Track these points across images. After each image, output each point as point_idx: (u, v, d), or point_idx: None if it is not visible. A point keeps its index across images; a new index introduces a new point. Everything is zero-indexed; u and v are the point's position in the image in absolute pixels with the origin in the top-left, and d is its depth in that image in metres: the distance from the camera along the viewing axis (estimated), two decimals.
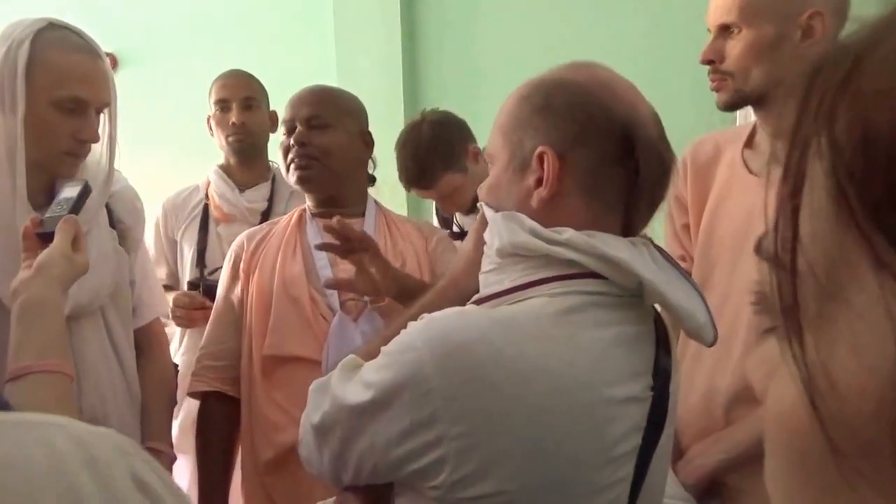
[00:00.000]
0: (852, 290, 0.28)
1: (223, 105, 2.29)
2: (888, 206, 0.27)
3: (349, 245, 1.49)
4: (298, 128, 1.65)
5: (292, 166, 1.65)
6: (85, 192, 1.30)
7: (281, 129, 1.71)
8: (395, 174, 3.24)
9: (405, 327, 0.90)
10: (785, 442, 0.31)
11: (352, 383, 0.91)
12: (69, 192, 1.29)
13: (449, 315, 0.88)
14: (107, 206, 1.52)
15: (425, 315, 0.89)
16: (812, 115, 0.30)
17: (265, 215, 2.22)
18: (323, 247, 1.54)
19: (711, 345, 0.94)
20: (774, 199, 0.31)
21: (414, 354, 0.85)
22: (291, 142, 1.64)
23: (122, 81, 3.70)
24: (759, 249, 0.32)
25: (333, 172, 1.66)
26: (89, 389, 1.42)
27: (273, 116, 2.36)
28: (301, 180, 1.65)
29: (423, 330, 0.87)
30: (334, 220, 1.48)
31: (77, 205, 1.26)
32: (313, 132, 1.64)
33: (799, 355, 0.29)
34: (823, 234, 0.29)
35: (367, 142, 1.74)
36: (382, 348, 0.90)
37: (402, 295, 1.50)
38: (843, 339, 0.28)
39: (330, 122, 1.66)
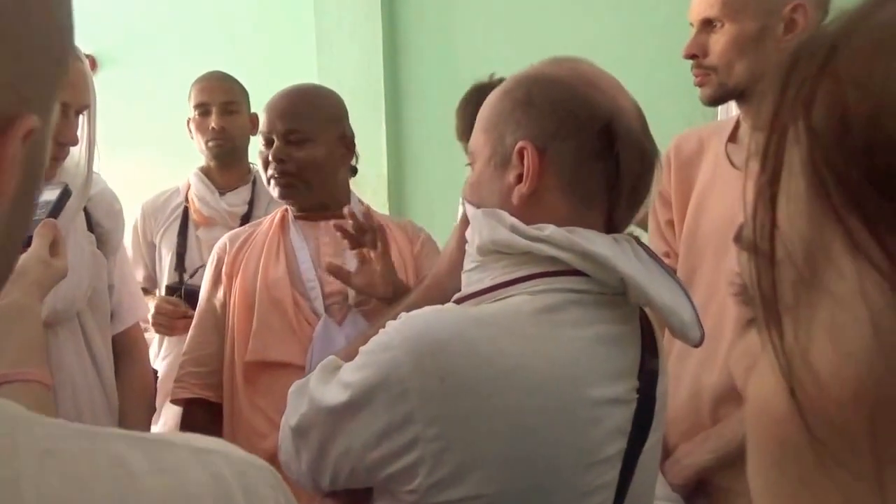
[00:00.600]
0: (830, 276, 0.28)
1: (203, 109, 2.26)
2: (866, 192, 0.26)
3: (363, 236, 1.47)
4: (276, 143, 1.61)
5: (273, 181, 1.63)
6: (64, 195, 1.26)
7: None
8: (378, 173, 3.24)
9: (385, 327, 0.88)
10: (764, 432, 0.31)
11: (330, 385, 0.90)
12: (48, 195, 1.26)
13: (426, 313, 0.86)
14: (85, 209, 1.50)
15: (403, 314, 0.88)
16: (790, 101, 0.30)
17: (245, 219, 2.19)
18: (339, 228, 1.51)
19: (697, 345, 0.92)
20: (752, 189, 0.31)
21: (390, 354, 0.84)
22: (270, 157, 1.61)
23: (102, 83, 3.67)
24: (738, 239, 0.32)
25: (315, 185, 1.63)
26: (65, 397, 1.39)
27: (254, 119, 2.33)
28: (283, 195, 1.63)
29: (400, 329, 0.85)
30: (364, 207, 1.46)
31: (56, 208, 1.23)
32: (291, 147, 1.61)
33: (777, 344, 0.29)
34: (801, 220, 0.29)
35: (348, 145, 1.71)
36: (360, 348, 0.88)
37: (395, 300, 1.48)
38: (822, 326, 0.28)
39: (308, 135, 1.61)
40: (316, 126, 1.63)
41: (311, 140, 1.62)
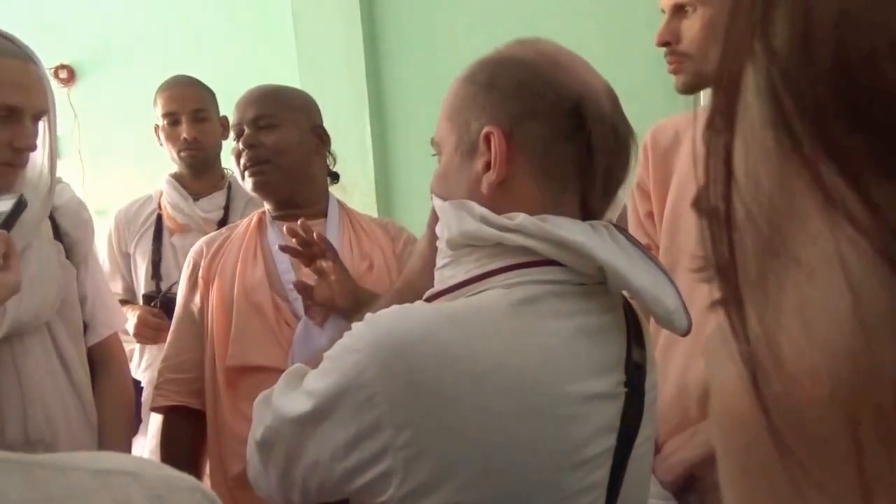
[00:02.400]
0: (800, 242, 0.21)
1: (172, 118, 2.20)
2: (837, 123, 0.20)
3: (310, 249, 1.44)
4: (246, 131, 1.59)
5: (247, 172, 1.60)
6: (18, 206, 1.23)
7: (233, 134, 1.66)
8: (365, 175, 3.20)
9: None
10: (729, 436, 0.25)
11: (295, 394, 0.85)
12: (2, 206, 1.23)
13: (391, 313, 0.82)
14: (52, 218, 1.46)
15: (369, 314, 0.83)
16: (744, 20, 0.23)
17: (221, 224, 2.15)
18: (285, 249, 1.49)
19: (685, 333, 0.87)
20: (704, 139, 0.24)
21: (354, 357, 0.79)
22: (241, 146, 1.59)
23: (81, 93, 3.64)
24: (697, 203, 0.26)
25: (288, 172, 1.60)
26: (35, 409, 1.35)
27: (224, 122, 2.29)
28: (257, 185, 1.60)
29: (363, 331, 0.81)
30: (298, 223, 1.44)
31: (9, 220, 1.20)
32: (261, 133, 1.59)
33: (739, 327, 0.23)
34: (763, 170, 0.22)
35: (321, 135, 1.68)
36: (325, 353, 0.84)
37: (359, 310, 1.45)
38: (791, 305, 0.22)
39: (277, 120, 1.60)
40: (285, 112, 1.62)
41: (281, 125, 1.60)
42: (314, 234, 1.44)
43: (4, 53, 1.29)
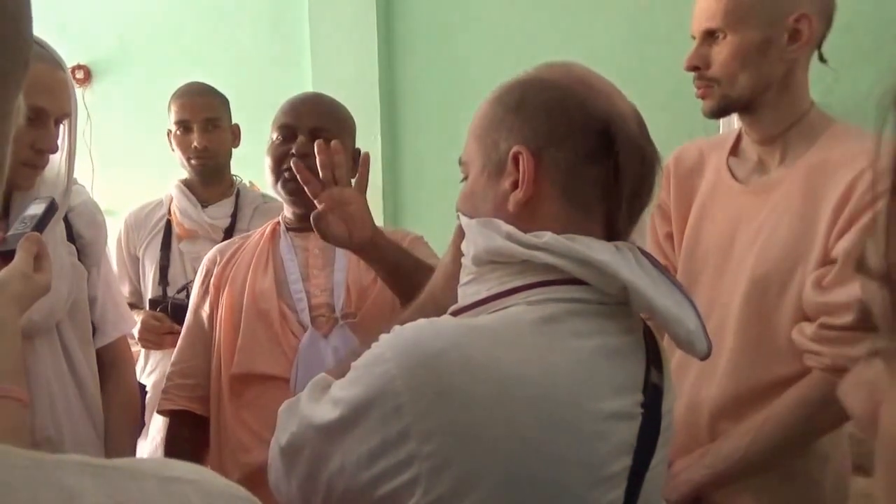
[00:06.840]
0: None
1: (184, 125, 2.21)
2: None
3: (329, 173, 1.41)
4: (301, 138, 1.57)
5: (287, 174, 1.57)
6: (51, 209, 1.26)
7: (245, 139, 1.65)
8: (373, 184, 3.18)
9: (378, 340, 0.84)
10: None
11: (321, 402, 0.86)
12: (35, 209, 1.26)
13: (419, 325, 0.82)
14: (66, 220, 1.47)
15: (396, 326, 0.84)
16: None
17: (228, 232, 2.18)
18: (297, 167, 1.44)
19: (704, 357, 0.88)
20: (883, 219, 0.31)
21: (383, 367, 0.80)
22: (293, 150, 1.56)
23: (97, 94, 3.65)
24: (862, 267, 0.33)
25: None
26: (42, 410, 1.35)
27: (235, 130, 2.31)
28: (294, 192, 1.58)
29: (391, 341, 0.82)
30: (333, 143, 1.42)
31: (42, 223, 1.23)
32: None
33: None
34: None
35: (355, 159, 1.68)
36: (352, 363, 0.85)
37: (372, 249, 1.42)
38: None
39: (334, 137, 1.57)
40: (342, 131, 1.62)
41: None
42: (341, 157, 1.42)
43: (34, 58, 1.30)
